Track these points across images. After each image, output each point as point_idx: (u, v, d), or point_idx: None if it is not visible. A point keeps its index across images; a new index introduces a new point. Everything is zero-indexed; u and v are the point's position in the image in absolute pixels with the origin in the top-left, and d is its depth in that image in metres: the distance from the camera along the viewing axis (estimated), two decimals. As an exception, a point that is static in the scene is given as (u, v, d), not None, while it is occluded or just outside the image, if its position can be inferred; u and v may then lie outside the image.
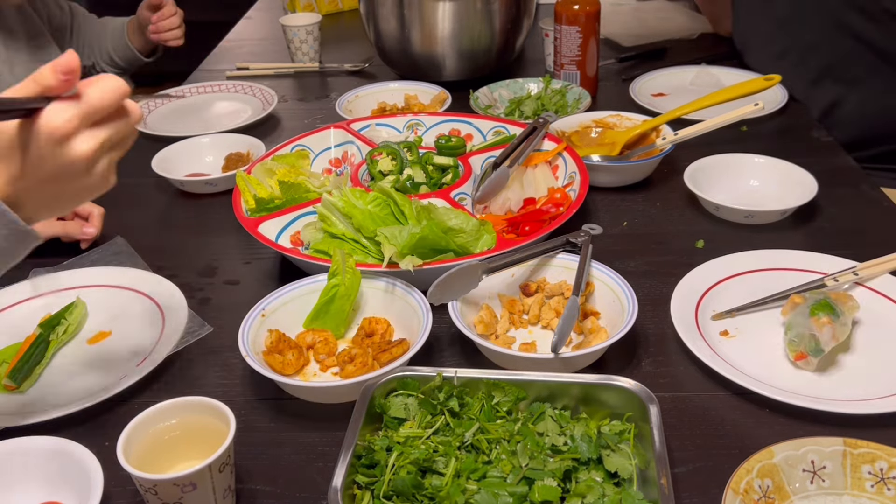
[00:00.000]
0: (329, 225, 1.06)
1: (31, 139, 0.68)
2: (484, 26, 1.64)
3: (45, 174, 0.69)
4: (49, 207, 0.74)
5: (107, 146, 0.71)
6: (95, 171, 0.71)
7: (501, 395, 0.80)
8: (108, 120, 0.70)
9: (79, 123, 0.68)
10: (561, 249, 1.03)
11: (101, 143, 0.70)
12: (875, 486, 0.73)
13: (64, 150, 0.68)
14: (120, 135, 0.72)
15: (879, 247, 1.06)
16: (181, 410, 0.76)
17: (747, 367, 0.90)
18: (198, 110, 1.73)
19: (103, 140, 0.70)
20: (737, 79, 1.57)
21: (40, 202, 0.72)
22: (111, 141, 0.71)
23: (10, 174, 0.70)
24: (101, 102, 0.69)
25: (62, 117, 0.67)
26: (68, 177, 0.70)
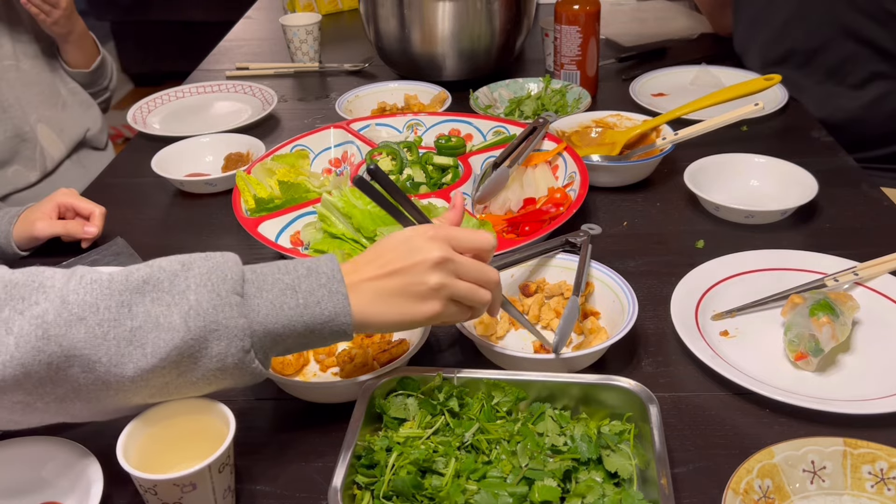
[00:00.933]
0: (329, 225, 1.06)
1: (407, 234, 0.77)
2: (484, 26, 1.64)
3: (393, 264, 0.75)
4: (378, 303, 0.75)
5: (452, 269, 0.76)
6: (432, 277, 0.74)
7: (501, 396, 0.80)
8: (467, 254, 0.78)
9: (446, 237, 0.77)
10: (560, 249, 1.03)
11: (450, 259, 0.75)
12: (875, 487, 0.73)
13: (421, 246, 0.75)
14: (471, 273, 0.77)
15: (879, 247, 1.06)
16: (181, 410, 0.75)
17: (747, 367, 0.90)
18: (198, 110, 1.73)
19: (454, 258, 0.76)
20: (737, 79, 1.57)
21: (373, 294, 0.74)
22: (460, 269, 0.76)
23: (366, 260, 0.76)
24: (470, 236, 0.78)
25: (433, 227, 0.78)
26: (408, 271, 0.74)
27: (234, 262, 0.73)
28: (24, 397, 0.65)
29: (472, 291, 0.78)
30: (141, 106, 1.69)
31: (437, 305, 0.76)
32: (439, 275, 0.75)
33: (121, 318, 0.66)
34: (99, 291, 0.66)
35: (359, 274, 0.75)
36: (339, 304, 0.73)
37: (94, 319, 0.65)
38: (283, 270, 0.74)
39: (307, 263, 0.74)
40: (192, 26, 3.97)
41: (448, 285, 0.76)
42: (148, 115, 1.68)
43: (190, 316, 0.68)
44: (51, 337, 0.63)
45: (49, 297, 0.65)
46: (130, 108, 1.67)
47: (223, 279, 0.70)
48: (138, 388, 0.68)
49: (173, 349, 0.67)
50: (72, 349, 0.64)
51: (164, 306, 0.68)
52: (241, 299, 0.70)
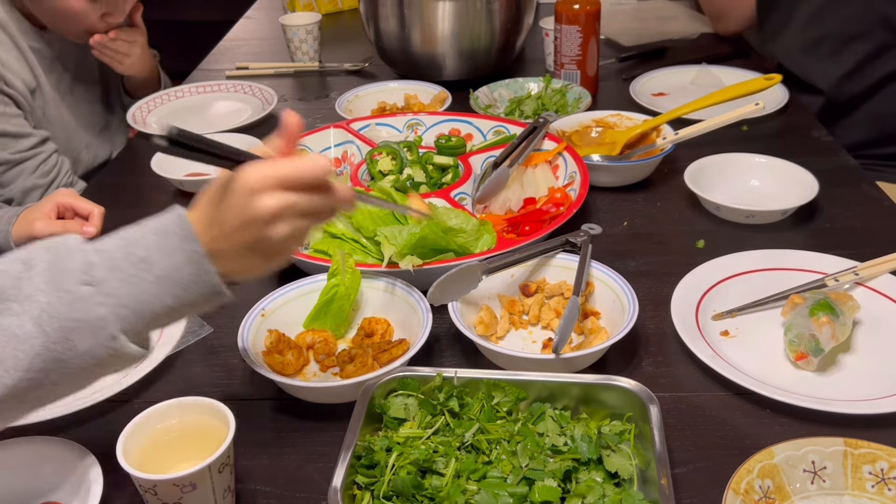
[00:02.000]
0: (329, 225, 1.06)
1: (229, 188, 0.70)
2: (484, 26, 1.64)
3: (231, 224, 0.70)
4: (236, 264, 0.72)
5: (293, 212, 0.71)
6: (276, 230, 0.70)
7: (501, 396, 0.80)
8: (303, 190, 0.71)
9: (272, 182, 0.70)
10: (560, 249, 1.03)
11: (287, 206, 0.70)
12: (876, 487, 0.73)
13: (250, 201, 0.69)
14: (313, 206, 0.72)
15: (879, 247, 1.06)
16: (181, 410, 0.76)
17: (747, 367, 0.90)
18: (198, 110, 1.73)
19: (291, 203, 0.70)
20: (737, 78, 1.56)
21: (229, 258, 0.71)
22: (299, 208, 0.71)
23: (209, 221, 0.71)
24: (297, 172, 0.71)
25: (258, 172, 0.70)
26: (250, 231, 0.70)
27: (76, 248, 0.68)
28: None
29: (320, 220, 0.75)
30: (141, 106, 1.69)
31: (293, 245, 0.74)
32: (282, 226, 0.70)
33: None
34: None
35: (209, 230, 0.71)
36: (200, 265, 0.69)
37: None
38: (131, 242, 0.70)
39: (153, 226, 0.71)
40: (192, 26, 3.96)
41: (295, 231, 0.72)
42: (148, 115, 1.68)
43: (43, 319, 0.64)
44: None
45: None
46: (130, 108, 1.67)
47: (65, 272, 0.66)
48: (13, 406, 0.65)
49: (35, 357, 0.63)
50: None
51: (14, 316, 0.64)
52: (92, 288, 0.66)
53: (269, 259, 0.73)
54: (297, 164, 0.71)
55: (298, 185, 0.71)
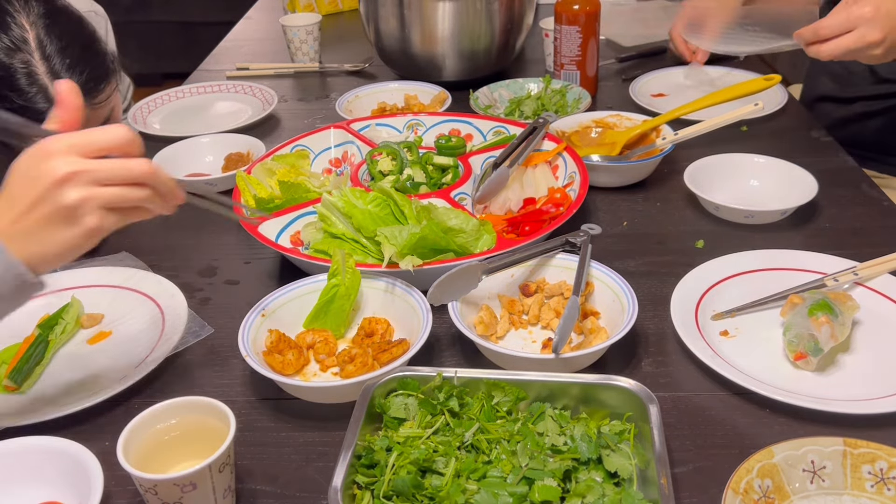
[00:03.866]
0: (329, 225, 1.06)
1: (21, 161, 0.69)
2: (484, 26, 1.64)
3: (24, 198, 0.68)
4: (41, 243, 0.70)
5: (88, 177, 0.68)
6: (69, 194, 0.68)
7: (501, 395, 0.80)
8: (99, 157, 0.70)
9: (64, 148, 0.68)
10: (560, 249, 1.03)
11: (79, 170, 0.68)
12: (875, 486, 0.73)
13: (40, 167, 0.67)
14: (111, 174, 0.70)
15: (879, 247, 1.06)
16: (181, 410, 0.76)
17: (747, 367, 0.90)
18: (198, 110, 1.73)
19: (83, 168, 0.68)
20: (736, 79, 1.57)
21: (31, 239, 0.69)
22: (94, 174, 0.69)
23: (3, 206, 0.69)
24: (89, 137, 0.69)
25: (52, 139, 0.68)
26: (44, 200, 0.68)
27: None
28: None
29: (123, 194, 0.71)
30: (141, 106, 1.69)
31: (93, 220, 0.70)
32: (74, 190, 0.68)
33: None
34: None
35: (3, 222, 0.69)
36: (6, 263, 0.68)
37: None
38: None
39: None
40: (192, 26, 3.97)
41: (92, 197, 0.69)
42: (148, 115, 1.68)
43: None
44: None
45: None
46: (130, 108, 1.67)
47: None
48: None
49: None
50: None
51: None
52: None
53: (69, 230, 0.70)
54: (93, 131, 0.69)
55: (93, 153, 0.69)
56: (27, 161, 0.69)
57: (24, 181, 0.69)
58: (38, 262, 0.71)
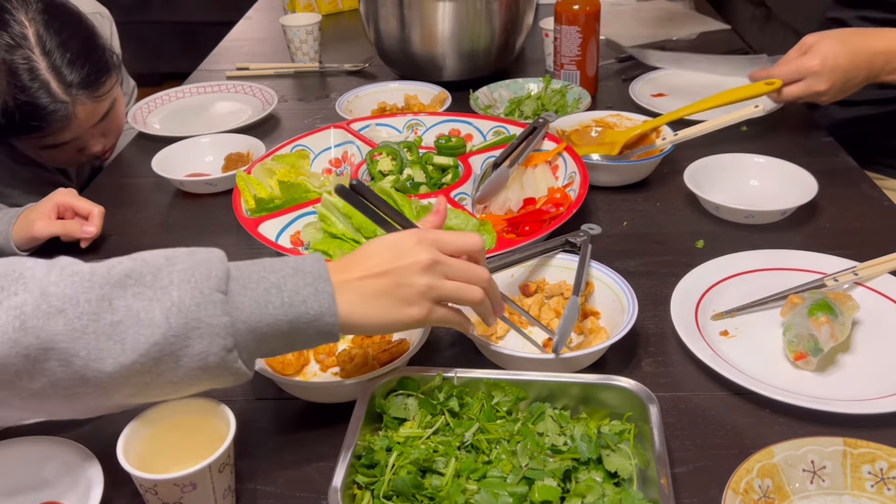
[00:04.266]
0: (329, 225, 1.06)
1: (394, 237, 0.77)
2: (484, 26, 1.64)
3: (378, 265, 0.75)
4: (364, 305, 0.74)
5: (441, 270, 0.76)
6: (420, 280, 0.75)
7: (501, 395, 0.80)
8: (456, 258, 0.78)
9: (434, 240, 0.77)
10: (560, 249, 1.03)
11: (439, 261, 0.76)
12: (875, 486, 0.73)
13: (407, 248, 0.75)
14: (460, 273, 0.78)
15: (879, 247, 1.06)
16: (181, 410, 0.76)
17: (747, 367, 0.90)
18: (198, 110, 1.73)
19: (442, 261, 0.76)
20: (737, 82, 1.56)
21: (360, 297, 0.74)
22: (448, 269, 0.77)
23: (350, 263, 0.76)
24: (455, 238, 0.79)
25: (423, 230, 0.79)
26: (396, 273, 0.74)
27: (220, 259, 0.71)
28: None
29: (460, 290, 0.78)
30: (141, 106, 1.69)
31: (425, 308, 0.76)
32: (427, 277, 0.75)
33: (101, 311, 0.65)
34: (80, 284, 0.65)
35: (346, 274, 0.74)
36: (325, 304, 0.71)
37: (74, 312, 0.64)
38: (268, 269, 0.72)
39: (293, 262, 0.73)
40: (192, 26, 3.97)
41: (436, 287, 0.76)
42: (148, 115, 1.68)
43: (171, 312, 0.66)
44: (28, 328, 0.62)
45: (28, 287, 0.64)
46: (130, 108, 1.67)
47: (207, 276, 0.69)
48: (117, 385, 0.67)
49: (153, 345, 0.66)
50: (49, 342, 0.63)
51: (145, 301, 0.66)
52: (224, 297, 0.68)
53: (402, 308, 0.75)
54: (459, 235, 0.79)
55: (453, 251, 0.78)
56: (401, 238, 0.77)
57: (389, 252, 0.76)
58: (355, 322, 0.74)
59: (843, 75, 1.24)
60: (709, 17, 2.12)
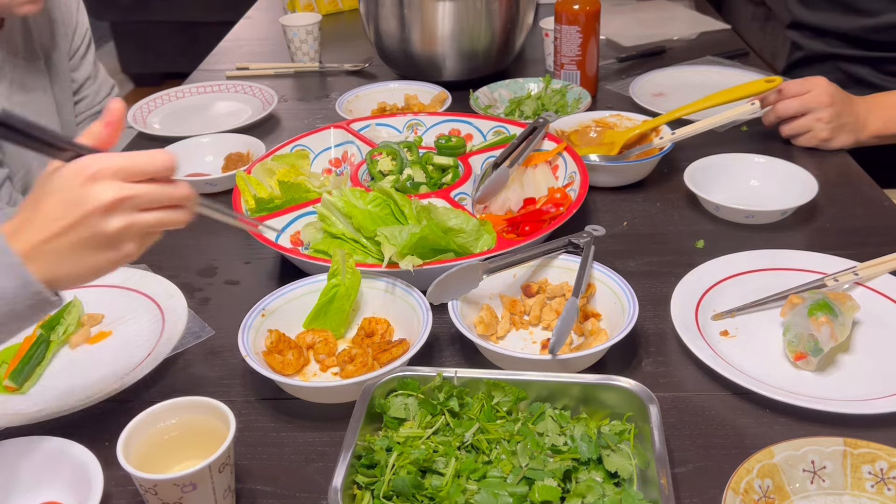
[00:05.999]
0: (329, 225, 1.06)
1: (56, 180, 0.67)
2: (484, 26, 1.64)
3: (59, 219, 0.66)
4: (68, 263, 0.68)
5: (132, 204, 0.68)
6: (112, 223, 0.67)
7: (501, 395, 0.80)
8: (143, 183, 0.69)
9: (109, 172, 0.67)
10: (563, 250, 1.03)
11: (125, 196, 0.67)
12: (875, 487, 0.73)
13: (83, 191, 0.66)
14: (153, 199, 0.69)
15: (879, 247, 1.06)
16: (181, 410, 0.76)
17: (747, 367, 0.90)
18: (198, 110, 1.73)
19: (129, 195, 0.67)
20: (737, 79, 1.57)
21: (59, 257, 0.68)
22: (138, 200, 0.68)
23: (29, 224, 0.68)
24: (136, 163, 0.67)
25: (93, 161, 0.67)
26: (83, 224, 0.66)
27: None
28: None
29: (162, 220, 0.71)
30: (141, 106, 1.69)
31: (132, 246, 0.70)
32: (118, 218, 0.67)
33: None
34: None
35: (28, 237, 0.67)
36: (19, 278, 0.66)
37: None
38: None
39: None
40: (192, 26, 3.97)
41: (134, 223, 0.68)
42: (148, 115, 1.68)
43: None
44: None
45: None
46: (130, 108, 1.67)
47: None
48: None
49: None
50: None
51: None
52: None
53: (105, 254, 0.69)
54: (137, 155, 0.68)
55: (137, 177, 0.68)
56: (67, 181, 0.67)
57: (62, 202, 0.66)
58: (63, 282, 0.70)
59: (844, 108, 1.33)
60: (709, 17, 2.12)
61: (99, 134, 0.70)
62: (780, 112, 1.36)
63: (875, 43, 1.54)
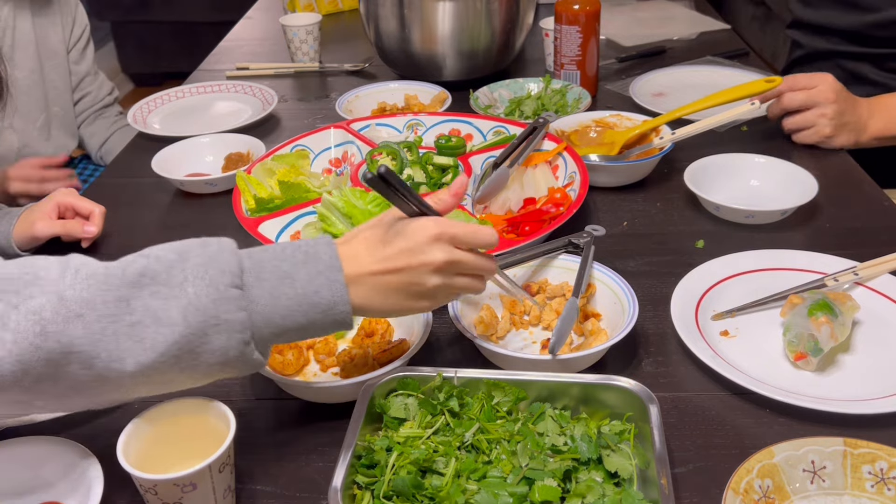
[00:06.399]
0: (329, 225, 1.06)
1: (409, 228, 0.75)
2: (484, 26, 1.64)
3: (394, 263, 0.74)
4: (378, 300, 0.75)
5: (456, 268, 0.77)
6: (434, 280, 0.75)
7: (501, 395, 0.80)
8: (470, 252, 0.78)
9: (448, 237, 0.75)
10: (563, 250, 1.03)
11: (455, 261, 0.76)
12: (875, 487, 0.73)
13: (425, 248, 0.74)
14: (473, 268, 0.78)
15: (879, 247, 1.06)
16: (181, 410, 0.76)
17: (747, 367, 0.90)
18: (198, 110, 1.73)
19: (458, 259, 0.76)
20: (737, 79, 1.57)
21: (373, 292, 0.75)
22: (461, 266, 0.77)
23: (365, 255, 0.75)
24: (472, 235, 0.77)
25: (439, 225, 0.75)
26: (412, 274, 0.75)
27: (231, 252, 0.71)
28: (21, 395, 0.64)
29: (469, 286, 0.80)
30: (141, 106, 1.69)
31: (435, 302, 0.79)
32: (440, 277, 0.76)
33: (119, 312, 0.65)
34: (96, 286, 0.65)
35: (358, 264, 0.74)
36: (338, 294, 0.72)
37: (93, 315, 0.64)
38: (279, 257, 0.72)
39: (304, 248, 0.73)
40: (192, 26, 3.97)
41: (448, 284, 0.77)
42: (148, 115, 1.68)
43: (189, 311, 0.66)
44: (49, 334, 0.62)
45: (45, 290, 0.64)
46: (131, 108, 1.67)
47: (221, 272, 0.69)
48: (138, 383, 0.67)
49: (173, 344, 0.66)
50: (70, 346, 0.63)
51: (161, 300, 0.66)
52: (240, 292, 0.69)
53: (411, 302, 0.77)
54: (473, 229, 0.77)
55: (467, 246, 0.77)
56: (414, 232, 0.75)
57: (404, 249, 0.75)
58: (366, 312, 0.76)
59: (847, 107, 1.34)
60: (709, 17, 2.12)
61: (445, 201, 0.81)
62: (785, 104, 1.36)
63: (876, 39, 1.54)
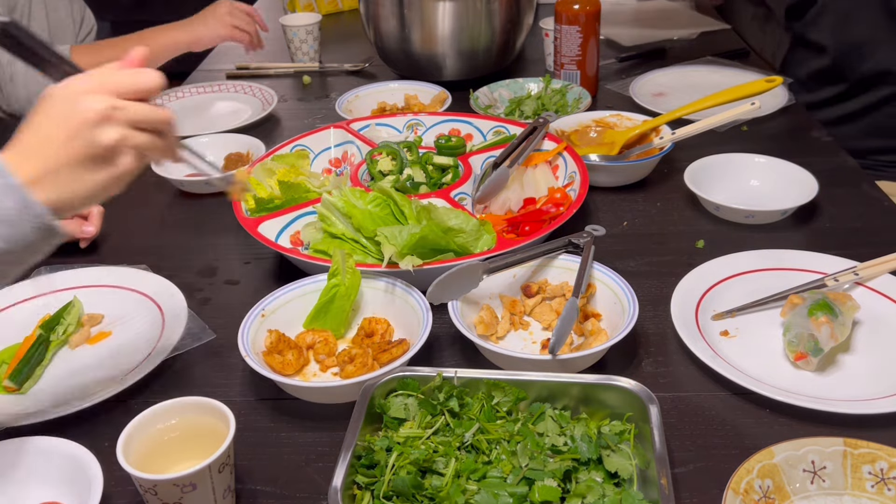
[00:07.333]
0: (329, 225, 1.06)
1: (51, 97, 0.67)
2: (484, 26, 1.64)
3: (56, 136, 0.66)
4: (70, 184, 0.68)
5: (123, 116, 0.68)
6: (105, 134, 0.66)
7: (501, 396, 0.80)
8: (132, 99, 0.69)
9: (97, 86, 0.67)
10: (563, 250, 1.03)
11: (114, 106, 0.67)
12: (875, 487, 0.73)
13: (75, 104, 0.66)
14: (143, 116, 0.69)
15: (879, 247, 1.06)
16: (181, 410, 0.76)
17: (747, 367, 0.90)
18: (198, 110, 1.73)
19: (118, 105, 0.67)
20: (738, 79, 1.57)
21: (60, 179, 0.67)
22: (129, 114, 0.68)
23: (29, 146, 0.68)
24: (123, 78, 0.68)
25: (84, 77, 0.67)
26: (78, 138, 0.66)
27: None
28: None
29: (154, 143, 0.71)
30: (141, 106, 1.69)
31: (128, 160, 0.69)
32: (112, 129, 0.67)
33: None
34: None
35: (26, 160, 0.67)
36: (21, 199, 0.66)
37: None
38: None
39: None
40: (192, 26, 3.96)
41: (129, 137, 0.68)
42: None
43: None
44: None
45: None
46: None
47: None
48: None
49: None
50: None
51: None
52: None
53: (103, 170, 0.69)
54: (124, 71, 0.68)
55: (125, 93, 0.68)
56: (60, 99, 0.67)
57: (56, 119, 0.67)
58: (66, 204, 0.69)
59: None
60: (709, 17, 2.12)
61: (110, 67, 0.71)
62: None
63: None
